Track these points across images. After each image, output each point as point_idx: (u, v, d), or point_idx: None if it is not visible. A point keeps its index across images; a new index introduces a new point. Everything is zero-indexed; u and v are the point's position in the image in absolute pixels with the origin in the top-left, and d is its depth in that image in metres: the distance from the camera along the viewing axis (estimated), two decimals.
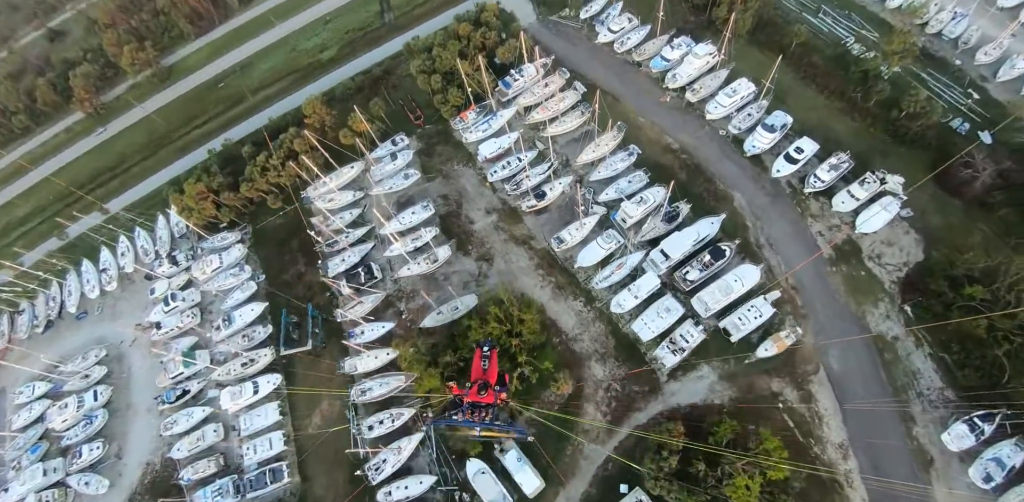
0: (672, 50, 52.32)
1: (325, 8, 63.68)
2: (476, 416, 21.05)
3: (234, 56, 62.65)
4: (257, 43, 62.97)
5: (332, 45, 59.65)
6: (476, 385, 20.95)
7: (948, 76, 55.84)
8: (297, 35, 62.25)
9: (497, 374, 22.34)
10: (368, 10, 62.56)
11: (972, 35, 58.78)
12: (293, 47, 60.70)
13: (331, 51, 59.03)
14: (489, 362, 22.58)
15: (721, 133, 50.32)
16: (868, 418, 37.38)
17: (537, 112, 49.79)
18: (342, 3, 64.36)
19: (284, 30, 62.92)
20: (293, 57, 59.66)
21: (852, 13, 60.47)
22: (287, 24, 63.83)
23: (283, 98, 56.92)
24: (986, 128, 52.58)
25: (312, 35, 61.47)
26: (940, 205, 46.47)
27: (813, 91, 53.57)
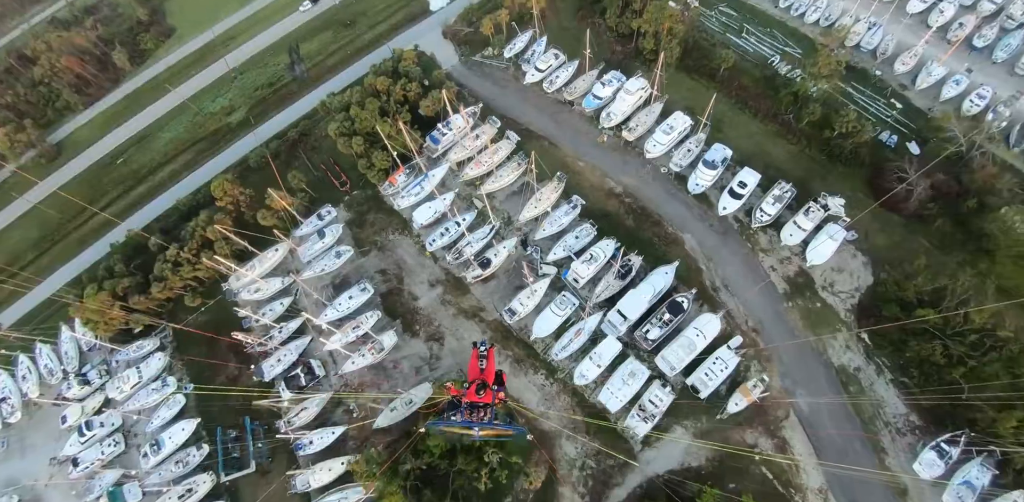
0: (603, 87, 49.82)
1: (230, 62, 57.31)
2: (475, 416, 20.61)
3: (131, 126, 55.75)
4: (156, 109, 56.20)
5: (240, 105, 53.80)
6: (474, 385, 20.43)
7: (871, 88, 56.18)
8: (200, 96, 55.83)
9: (495, 373, 21.72)
10: (276, 62, 56.88)
11: (889, 45, 59.31)
12: (197, 110, 54.39)
13: (240, 113, 53.22)
14: (486, 361, 21.89)
15: (663, 170, 48.34)
16: (842, 456, 37.18)
17: (471, 167, 46.21)
18: (247, 56, 58.15)
19: (186, 90, 56.31)
20: (198, 122, 53.43)
21: (774, 30, 59.86)
22: (190, 83, 57.22)
23: (191, 172, 50.84)
24: (913, 138, 52.48)
25: (217, 95, 55.29)
26: (882, 223, 46.51)
27: (747, 116, 52.48)
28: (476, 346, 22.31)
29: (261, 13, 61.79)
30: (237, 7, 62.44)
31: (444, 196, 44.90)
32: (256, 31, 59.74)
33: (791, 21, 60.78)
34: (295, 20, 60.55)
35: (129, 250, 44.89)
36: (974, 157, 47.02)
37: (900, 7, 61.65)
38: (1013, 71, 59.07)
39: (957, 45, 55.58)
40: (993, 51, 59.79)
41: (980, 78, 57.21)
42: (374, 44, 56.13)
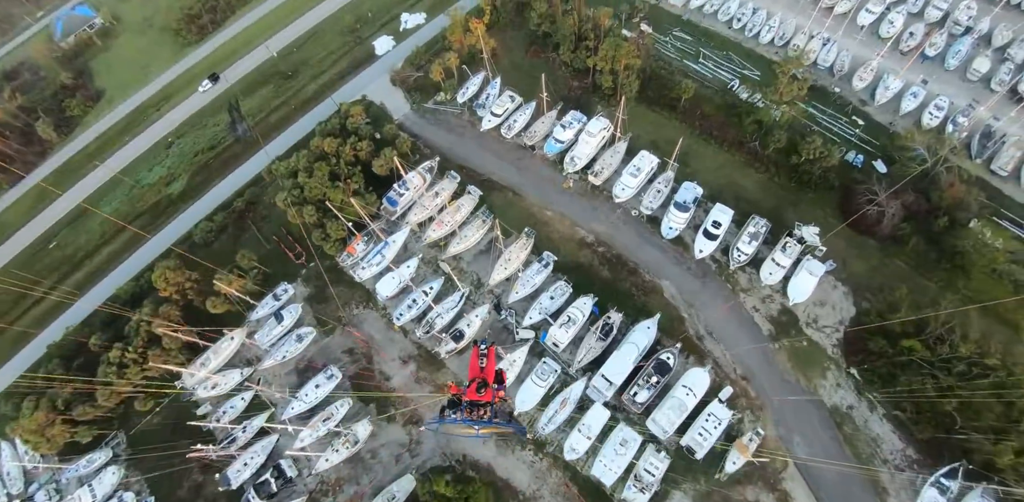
0: (564, 130, 47.56)
1: (166, 126, 53.01)
2: (475, 415, 20.01)
3: (62, 205, 50.98)
4: (88, 183, 51.58)
5: (181, 173, 49.71)
6: (474, 383, 20.13)
7: (832, 106, 55.43)
8: (136, 165, 51.45)
9: (495, 372, 21.58)
10: (216, 123, 52.79)
11: (844, 61, 58.49)
12: (134, 182, 49.99)
13: (180, 182, 49.14)
14: (487, 360, 21.78)
15: (634, 213, 46.39)
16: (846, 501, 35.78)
17: (433, 229, 43.29)
18: (184, 117, 53.91)
19: (119, 161, 51.82)
20: (136, 196, 49.19)
21: (730, 53, 58.44)
22: (122, 152, 52.73)
23: (132, 252, 46.64)
24: (879, 156, 51.78)
25: (153, 163, 51.03)
26: (857, 248, 45.81)
27: (713, 147, 51.11)
28: (476, 344, 22.32)
29: (197, 68, 57.47)
30: (169, 62, 57.97)
31: (408, 263, 41.89)
32: (192, 89, 55.41)
33: (746, 42, 59.64)
34: (234, 74, 56.40)
35: (68, 350, 40.54)
36: (940, 173, 46.47)
37: (852, 21, 61.04)
38: (965, 77, 59.04)
39: (912, 60, 54.88)
40: (945, 59, 59.65)
41: (936, 87, 56.98)
42: (320, 95, 52.67)
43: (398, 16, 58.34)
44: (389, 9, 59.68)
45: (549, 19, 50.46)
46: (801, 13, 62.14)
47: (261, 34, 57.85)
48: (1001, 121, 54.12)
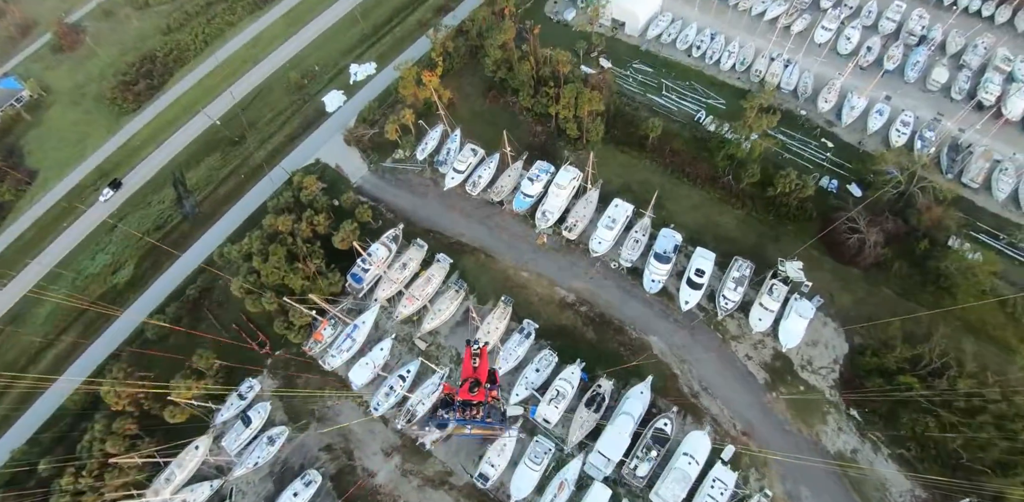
0: (532, 184, 45.48)
1: (107, 207, 49.05)
2: (467, 414, 20.92)
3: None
4: (25, 279, 47.22)
5: (127, 260, 45.96)
6: (467, 383, 20.98)
7: (800, 131, 54.64)
8: (77, 254, 47.40)
9: (488, 371, 22.48)
10: (161, 200, 49.06)
11: (807, 82, 57.60)
12: (76, 273, 45.96)
13: (127, 269, 45.40)
14: (479, 359, 22.61)
15: (613, 266, 44.51)
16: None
17: (404, 305, 40.54)
18: (126, 195, 50.03)
19: (58, 248, 47.67)
20: (80, 288, 45.20)
21: (693, 82, 57.05)
22: (61, 240, 48.55)
23: (78, 356, 42.60)
24: (852, 180, 51.05)
25: (96, 250, 47.01)
26: (842, 280, 44.95)
27: (687, 185, 49.64)
28: (469, 344, 22.64)
29: (133, 141, 53.55)
30: (106, 134, 53.96)
31: (381, 345, 39.06)
32: (131, 163, 51.53)
33: (707, 70, 58.53)
34: (178, 142, 52.68)
35: (14, 476, 36.47)
36: (915, 193, 46.10)
37: (811, 41, 60.29)
38: (926, 88, 58.78)
39: (876, 80, 54.40)
40: (904, 71, 59.34)
41: (899, 102, 56.65)
42: (271, 160, 49.36)
43: (346, 68, 55.41)
44: (336, 61, 56.75)
45: (505, 65, 47.77)
46: (760, 35, 61.38)
47: (203, 97, 54.31)
48: (966, 132, 53.82)
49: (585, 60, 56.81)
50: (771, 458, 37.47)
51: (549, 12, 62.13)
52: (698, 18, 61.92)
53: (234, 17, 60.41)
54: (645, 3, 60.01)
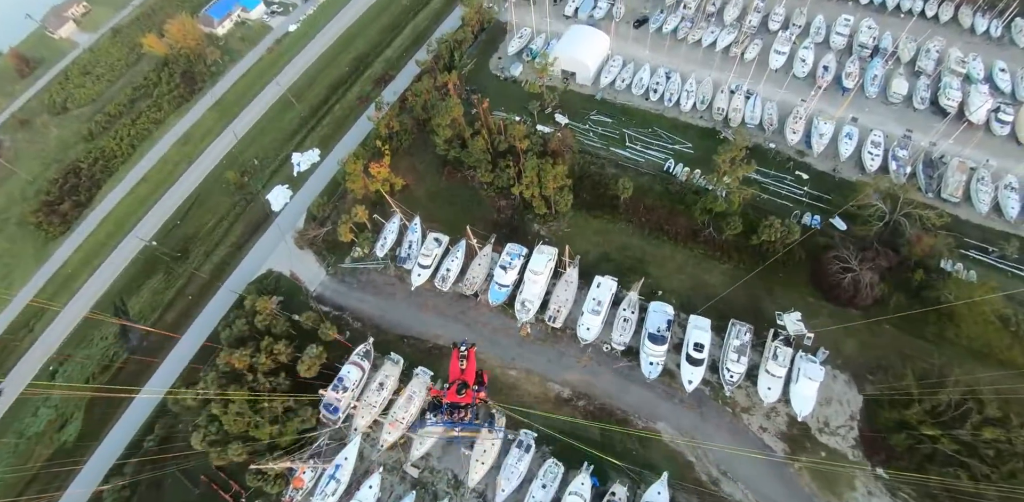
0: (506, 272, 43.31)
1: (44, 351, 44.97)
2: (455, 416, 21.29)
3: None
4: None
5: (73, 412, 42.00)
6: (454, 385, 21.06)
7: (773, 166, 52.52)
8: (17, 411, 43.16)
9: (475, 373, 22.73)
10: (104, 335, 45.17)
11: (772, 114, 56.38)
12: (19, 434, 41.77)
13: (75, 423, 41.41)
14: (467, 361, 22.95)
15: (605, 350, 42.15)
16: None
17: (387, 431, 37.61)
18: (64, 334, 46.02)
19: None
20: (24, 451, 40.94)
21: (655, 128, 55.42)
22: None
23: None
24: (835, 213, 49.44)
25: (38, 405, 42.88)
26: (843, 323, 43.34)
27: (668, 245, 47.48)
28: (456, 346, 22.63)
29: (65, 269, 49.57)
30: (33, 265, 49.86)
31: (369, 482, 35.98)
32: (65, 294, 47.58)
33: (668, 112, 57.14)
34: (115, 265, 48.86)
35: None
36: (900, 222, 45.30)
37: (767, 68, 59.01)
38: (888, 101, 58.22)
39: (844, 106, 54.35)
40: (864, 87, 58.78)
41: (865, 120, 55.91)
42: (219, 275, 45.90)
43: (288, 158, 52.40)
44: (276, 151, 53.75)
45: (457, 142, 46.26)
46: (716, 68, 59.74)
47: (137, 208, 50.81)
48: (937, 145, 53.22)
49: (540, 119, 54.82)
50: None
51: (494, 69, 60.17)
52: (650, 58, 60.35)
53: (160, 114, 56.96)
54: (593, 50, 58.39)
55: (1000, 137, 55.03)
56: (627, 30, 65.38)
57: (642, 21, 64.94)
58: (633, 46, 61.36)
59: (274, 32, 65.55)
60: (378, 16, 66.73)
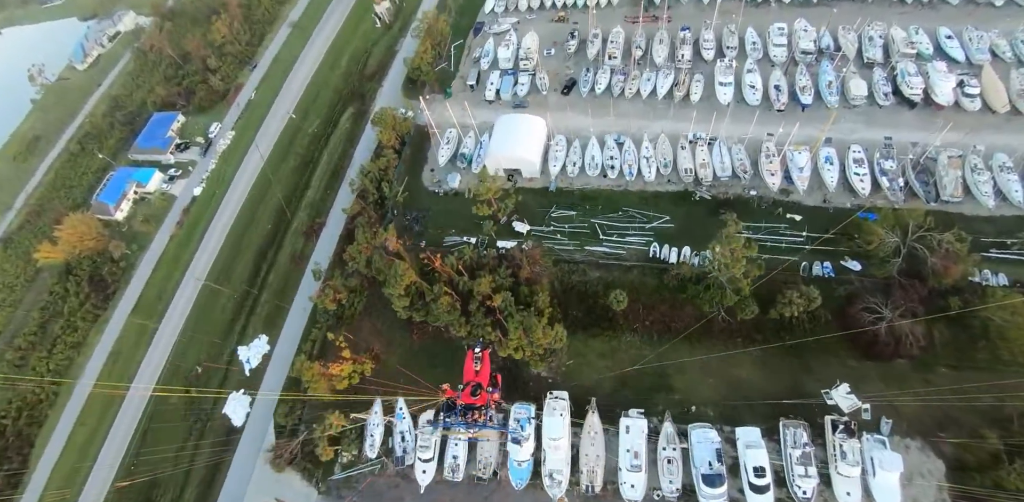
0: (521, 446, 40.43)
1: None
2: (469, 418, 22.46)
3: None
4: None
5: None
6: (469, 387, 22.62)
7: (764, 218, 50.90)
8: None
9: (489, 375, 24.24)
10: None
11: (741, 158, 54.68)
12: None
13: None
14: (481, 363, 24.37)
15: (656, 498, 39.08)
16: None
17: None
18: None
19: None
20: None
21: (624, 208, 55.02)
22: None
23: None
24: (844, 255, 48.13)
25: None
26: (895, 382, 41.75)
27: (684, 349, 44.53)
28: (470, 348, 25.52)
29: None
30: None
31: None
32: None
33: (632, 185, 56.67)
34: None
35: None
36: (916, 247, 44.17)
37: (720, 104, 59.16)
38: (851, 106, 57.08)
39: (818, 145, 53.97)
40: (824, 98, 58.31)
41: (839, 138, 56.29)
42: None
43: (234, 355, 48.81)
44: (219, 350, 51.17)
45: (419, 304, 45.50)
46: (666, 117, 60.12)
47: (79, 468, 47.73)
48: (919, 144, 53.09)
49: (498, 233, 51.76)
50: None
51: (430, 184, 59.44)
52: (593, 125, 60.37)
53: (77, 335, 55.47)
54: (530, 139, 58.96)
55: (974, 113, 55.70)
56: (559, 101, 64.21)
57: (571, 85, 64.91)
58: (572, 117, 61.69)
59: (179, 200, 65.52)
60: (286, 156, 66.88)
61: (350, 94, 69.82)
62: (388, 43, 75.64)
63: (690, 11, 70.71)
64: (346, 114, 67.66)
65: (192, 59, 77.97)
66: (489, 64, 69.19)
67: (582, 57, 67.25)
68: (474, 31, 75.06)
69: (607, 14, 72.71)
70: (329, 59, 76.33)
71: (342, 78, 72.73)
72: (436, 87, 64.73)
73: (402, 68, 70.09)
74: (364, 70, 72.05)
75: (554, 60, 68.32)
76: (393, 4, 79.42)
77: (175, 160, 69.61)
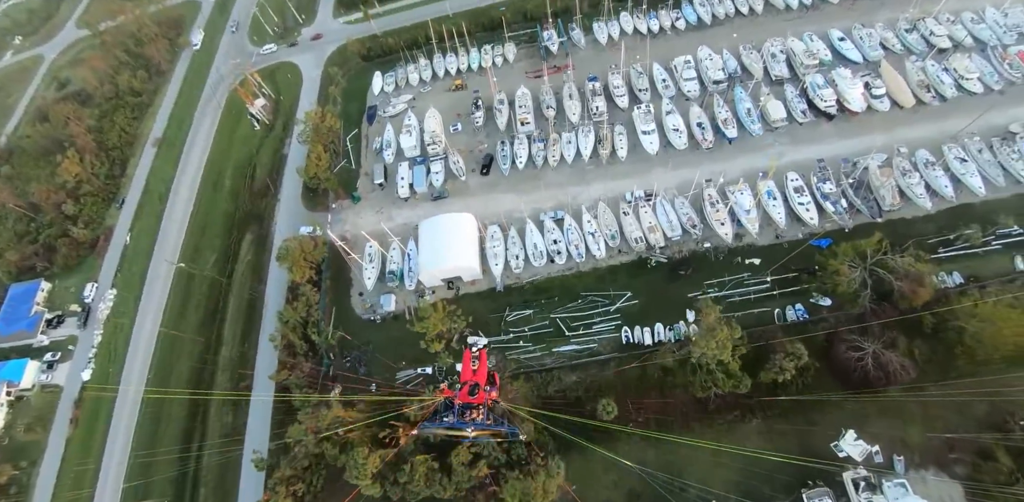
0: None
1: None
2: (467, 417, 22.61)
3: None
4: None
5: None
6: (466, 386, 23.01)
7: (724, 271, 51.55)
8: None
9: (487, 374, 25.00)
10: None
11: (687, 212, 55.38)
12: None
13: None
14: (479, 362, 25.17)
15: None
16: None
17: None
18: None
19: None
20: None
21: (584, 294, 52.21)
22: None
23: None
24: (812, 292, 49.94)
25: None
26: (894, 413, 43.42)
27: (686, 440, 42.98)
28: (468, 347, 29.28)
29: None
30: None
31: None
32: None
33: (584, 266, 56.15)
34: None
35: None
36: (877, 273, 46.75)
37: (648, 155, 61.15)
38: (774, 128, 62.77)
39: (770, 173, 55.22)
40: (746, 128, 63.15)
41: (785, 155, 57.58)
42: None
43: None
44: None
45: (392, 482, 43.37)
46: (602, 179, 60.36)
47: None
48: (850, 160, 56.29)
49: (455, 355, 49.68)
50: None
51: (363, 312, 59.14)
52: (524, 204, 60.96)
53: None
54: (461, 241, 62.72)
55: (884, 113, 60.81)
56: (480, 183, 65.32)
57: (488, 163, 67.78)
58: (499, 199, 66.04)
59: (66, 391, 60.34)
60: (184, 310, 63.50)
61: (244, 217, 68.50)
62: (273, 146, 76.66)
63: (590, 55, 75.53)
64: (245, 242, 67.08)
65: (44, 208, 73.04)
66: (393, 155, 69.89)
67: (493, 128, 71.06)
68: (367, 117, 76.21)
69: (506, 73, 75.63)
70: (210, 177, 74.80)
71: (230, 198, 70.93)
72: (341, 193, 65.65)
73: (296, 177, 67.66)
74: (253, 185, 72.51)
75: (463, 136, 71.32)
76: (269, 100, 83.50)
77: (49, 340, 64.04)
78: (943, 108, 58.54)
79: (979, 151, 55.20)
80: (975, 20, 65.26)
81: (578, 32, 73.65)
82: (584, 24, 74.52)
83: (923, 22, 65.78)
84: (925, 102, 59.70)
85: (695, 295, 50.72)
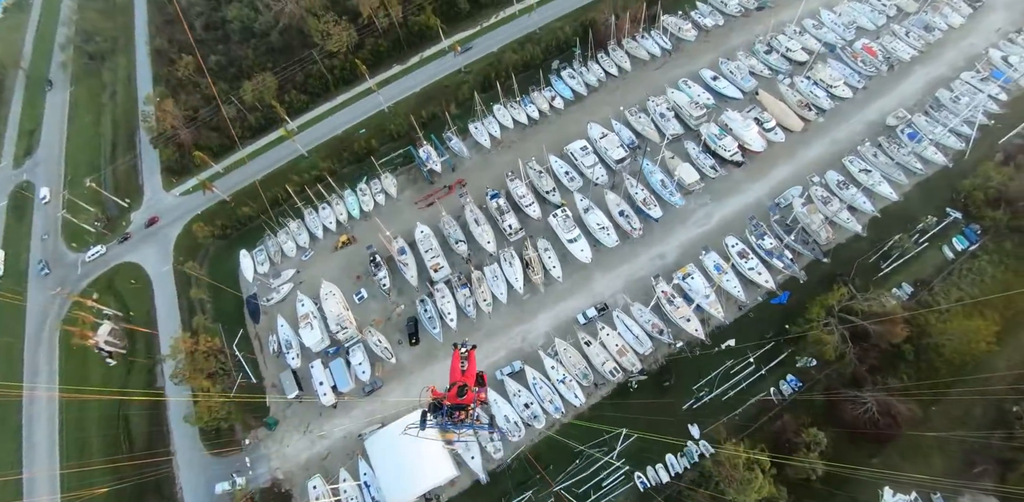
0: None
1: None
2: (455, 418, 22.13)
3: None
4: None
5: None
6: (455, 388, 22.49)
7: (706, 366, 51.77)
8: None
9: (476, 374, 24.97)
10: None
11: (645, 318, 56.03)
12: None
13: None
14: (467, 363, 24.78)
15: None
16: None
17: None
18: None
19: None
20: None
21: (576, 448, 49.06)
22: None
23: None
24: (795, 356, 52.17)
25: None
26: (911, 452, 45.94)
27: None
28: (457, 347, 25.32)
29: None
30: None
31: None
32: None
33: (566, 417, 52.67)
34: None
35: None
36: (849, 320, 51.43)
37: (569, 250, 64.11)
38: (690, 191, 63.15)
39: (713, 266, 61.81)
40: (666, 199, 62.36)
41: (699, 241, 60.03)
42: None
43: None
44: None
45: None
46: (547, 314, 57.88)
47: None
48: (776, 205, 61.09)
49: None
50: None
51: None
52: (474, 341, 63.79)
53: None
54: (418, 446, 51.79)
55: (783, 143, 66.41)
56: (414, 357, 61.76)
57: (414, 331, 62.65)
58: (444, 372, 54.18)
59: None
60: None
61: (136, 493, 63.72)
62: (144, 378, 68.05)
63: (480, 162, 77.47)
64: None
65: None
66: (299, 357, 65.94)
67: (404, 284, 71.95)
68: (250, 313, 72.79)
69: (395, 211, 73.66)
70: (71, 452, 61.97)
71: (110, 474, 61.02)
72: (251, 422, 53.10)
73: (185, 423, 61.03)
74: (132, 445, 62.20)
75: (373, 303, 71.07)
76: (115, 321, 78.64)
77: None
78: (828, 121, 64.73)
79: (874, 156, 62.49)
80: (816, 25, 75.41)
81: (456, 141, 72.62)
82: (459, 129, 73.31)
83: (776, 40, 74.12)
84: (810, 120, 67.61)
85: (689, 404, 50.98)
